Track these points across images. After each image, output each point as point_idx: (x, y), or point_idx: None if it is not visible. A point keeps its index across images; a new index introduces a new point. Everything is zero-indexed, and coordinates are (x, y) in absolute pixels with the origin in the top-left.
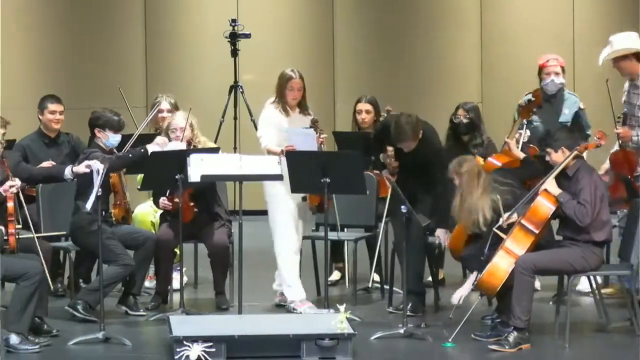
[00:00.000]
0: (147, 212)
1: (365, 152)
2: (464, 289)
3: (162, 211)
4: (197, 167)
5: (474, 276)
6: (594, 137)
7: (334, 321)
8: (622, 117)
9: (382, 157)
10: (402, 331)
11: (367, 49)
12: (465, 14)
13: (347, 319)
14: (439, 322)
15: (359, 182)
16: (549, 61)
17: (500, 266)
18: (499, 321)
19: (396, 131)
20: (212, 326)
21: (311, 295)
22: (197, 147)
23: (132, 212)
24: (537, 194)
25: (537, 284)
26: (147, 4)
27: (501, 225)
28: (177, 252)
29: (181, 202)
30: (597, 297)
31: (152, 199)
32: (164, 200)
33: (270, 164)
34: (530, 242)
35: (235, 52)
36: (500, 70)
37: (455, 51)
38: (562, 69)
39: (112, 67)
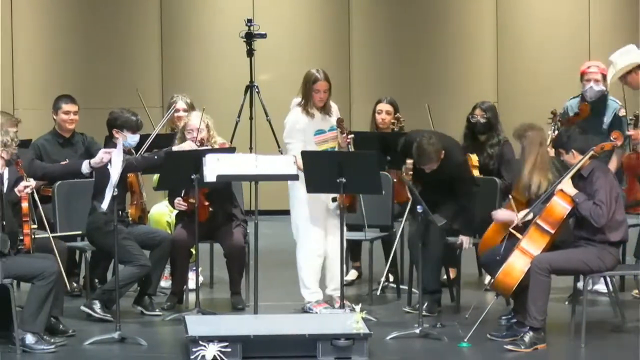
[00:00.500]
0: (163, 212)
1: (381, 152)
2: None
3: (178, 211)
4: (213, 167)
5: None
6: (610, 138)
7: (350, 321)
8: (635, 119)
9: (403, 169)
10: (417, 331)
11: (383, 49)
12: (481, 15)
13: (362, 318)
14: (454, 322)
15: (375, 182)
16: (589, 68)
17: (515, 266)
18: (514, 321)
19: (418, 154)
20: (227, 326)
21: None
22: (212, 147)
23: (149, 212)
24: (552, 194)
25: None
26: (163, 4)
27: (517, 224)
28: (193, 252)
29: (197, 202)
30: (613, 297)
31: (167, 199)
32: (178, 200)
33: (286, 163)
34: (546, 242)
35: (251, 52)
36: (516, 70)
37: (471, 51)
38: (603, 76)
39: (127, 67)
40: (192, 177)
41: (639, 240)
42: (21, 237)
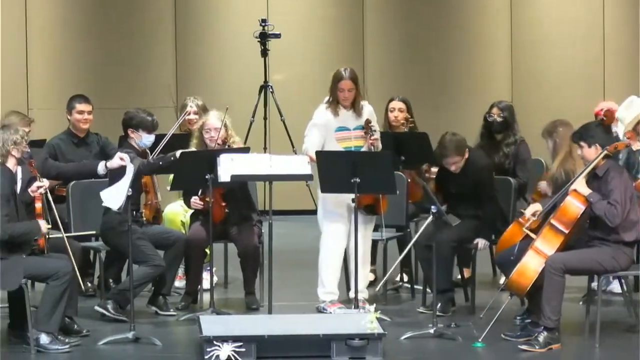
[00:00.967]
0: (177, 212)
1: (395, 152)
2: None
3: (193, 211)
4: (227, 167)
5: None
6: (624, 137)
7: (364, 321)
8: None
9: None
10: (432, 331)
11: (397, 48)
12: (496, 14)
13: (377, 318)
14: (469, 322)
15: (389, 182)
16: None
17: (529, 266)
18: (529, 321)
19: (439, 147)
20: (242, 326)
21: (341, 294)
22: (230, 147)
23: (162, 212)
24: (566, 194)
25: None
26: (177, 4)
27: (532, 225)
28: (207, 252)
29: (212, 201)
30: (628, 297)
31: (182, 198)
32: (195, 199)
33: (300, 163)
34: (560, 242)
35: (265, 52)
36: (530, 69)
37: (485, 50)
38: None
39: (142, 67)
40: (207, 177)
41: None
42: (35, 237)
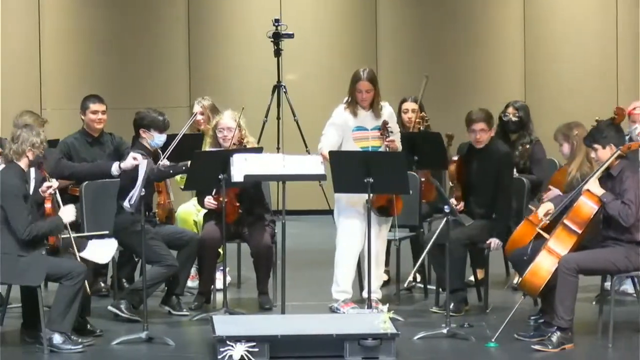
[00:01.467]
0: (190, 211)
1: (408, 152)
2: None
3: (206, 211)
4: (240, 167)
5: None
6: (638, 137)
7: (377, 321)
8: None
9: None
10: (445, 331)
11: (410, 48)
12: (509, 14)
13: (390, 318)
14: (482, 322)
15: (402, 182)
16: (635, 109)
17: (542, 266)
18: (542, 321)
19: (468, 115)
20: (255, 326)
21: (355, 294)
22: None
23: (175, 212)
24: (580, 194)
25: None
26: (190, 5)
27: (545, 224)
28: (221, 252)
29: (224, 201)
30: None
31: (196, 198)
32: (209, 199)
33: (313, 163)
34: (573, 242)
35: (278, 52)
36: (543, 70)
37: (498, 51)
38: None
39: (155, 67)
40: (220, 177)
41: None
42: (47, 237)
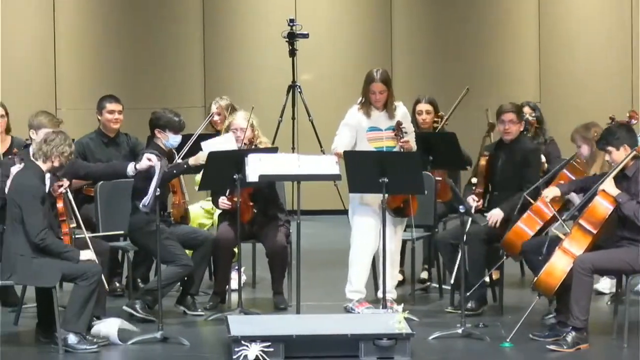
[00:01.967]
0: (197, 213)
1: (423, 152)
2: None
3: (221, 211)
4: (255, 167)
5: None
6: None
7: (392, 321)
8: None
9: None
10: (460, 331)
11: (424, 47)
12: (523, 14)
13: (405, 318)
14: (497, 322)
15: (417, 182)
16: None
17: (558, 266)
18: (557, 321)
19: (500, 106)
20: (270, 326)
21: (370, 294)
22: (257, 147)
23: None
24: (595, 194)
25: (601, 286)
26: (205, 5)
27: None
28: (236, 252)
29: (239, 201)
30: None
31: (210, 198)
32: (223, 199)
33: (328, 163)
34: (588, 242)
35: (293, 52)
36: (558, 69)
37: (513, 50)
38: None
39: (170, 67)
40: (235, 177)
41: None
42: (60, 237)
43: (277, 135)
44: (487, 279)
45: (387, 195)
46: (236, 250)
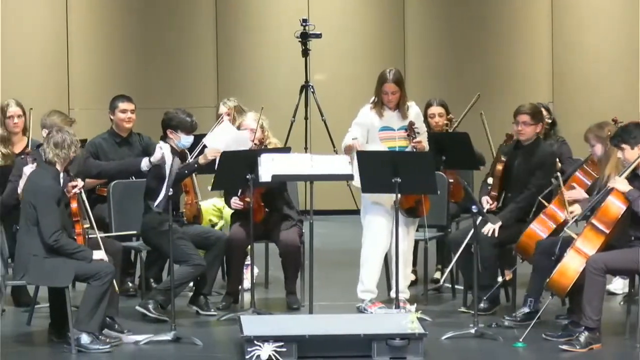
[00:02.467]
0: (207, 209)
1: (436, 152)
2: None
3: (233, 211)
4: (268, 167)
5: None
6: None
7: (405, 321)
8: None
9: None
10: (473, 331)
11: (437, 48)
12: (536, 14)
13: (418, 318)
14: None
15: (430, 182)
16: None
17: (570, 266)
18: (570, 321)
19: (517, 108)
20: (283, 326)
21: (382, 294)
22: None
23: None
24: (607, 193)
25: (613, 287)
26: (218, 5)
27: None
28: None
29: (252, 201)
30: None
31: (223, 198)
32: (235, 199)
33: (341, 163)
34: (601, 242)
35: (306, 52)
36: (571, 69)
37: (526, 51)
38: None
39: (183, 67)
40: (248, 176)
41: None
42: (73, 237)
43: (290, 135)
44: (500, 278)
45: (399, 195)
46: (249, 250)
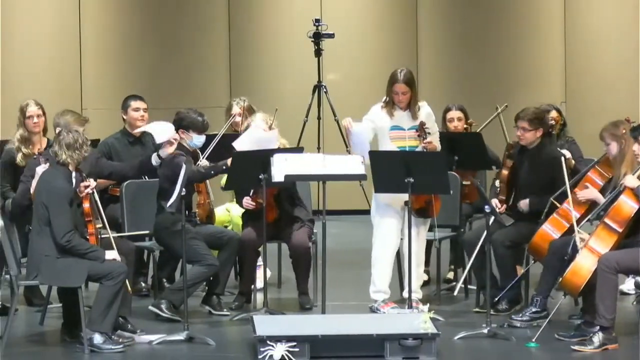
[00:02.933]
0: (222, 216)
1: (449, 152)
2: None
3: (244, 211)
4: (281, 167)
5: None
6: None
7: (418, 321)
8: None
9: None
10: (485, 331)
11: (450, 48)
12: (549, 14)
13: (430, 318)
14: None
15: (443, 182)
16: None
17: (583, 265)
18: (583, 321)
19: (518, 112)
20: (295, 326)
21: (395, 295)
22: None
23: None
24: (619, 193)
25: (626, 287)
26: (231, 4)
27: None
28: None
29: (264, 201)
30: None
31: (235, 198)
32: (247, 199)
33: (354, 163)
34: (613, 241)
35: (318, 52)
36: (584, 69)
37: (539, 50)
38: None
39: (195, 67)
40: (260, 177)
41: None
42: (86, 237)
43: (303, 135)
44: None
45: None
46: (261, 250)
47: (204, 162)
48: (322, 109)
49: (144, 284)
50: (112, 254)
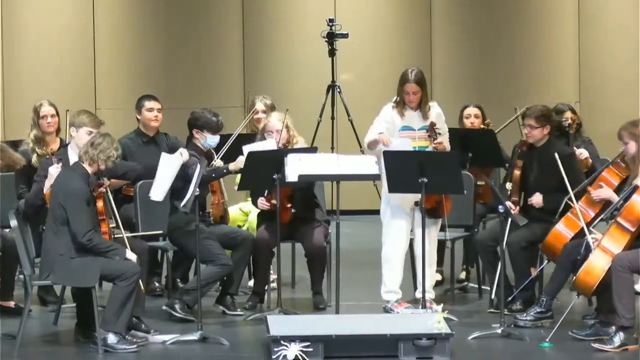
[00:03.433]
0: (236, 216)
1: (462, 149)
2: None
3: (259, 212)
4: (295, 167)
5: None
6: None
7: (432, 321)
8: None
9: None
10: (499, 331)
11: (464, 48)
12: (563, 14)
13: (444, 318)
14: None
15: (456, 182)
16: None
17: (596, 265)
18: (597, 321)
19: (526, 110)
20: (309, 326)
21: (408, 295)
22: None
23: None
24: (632, 192)
25: (639, 287)
26: (245, 4)
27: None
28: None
29: (278, 202)
30: None
31: (249, 199)
32: (261, 200)
33: (368, 163)
34: (626, 240)
35: (332, 51)
36: (598, 70)
37: (552, 51)
38: None
39: (210, 66)
40: (274, 177)
41: None
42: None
43: (317, 135)
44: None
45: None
46: (275, 250)
47: (218, 162)
48: (335, 108)
49: (157, 284)
50: (130, 254)
